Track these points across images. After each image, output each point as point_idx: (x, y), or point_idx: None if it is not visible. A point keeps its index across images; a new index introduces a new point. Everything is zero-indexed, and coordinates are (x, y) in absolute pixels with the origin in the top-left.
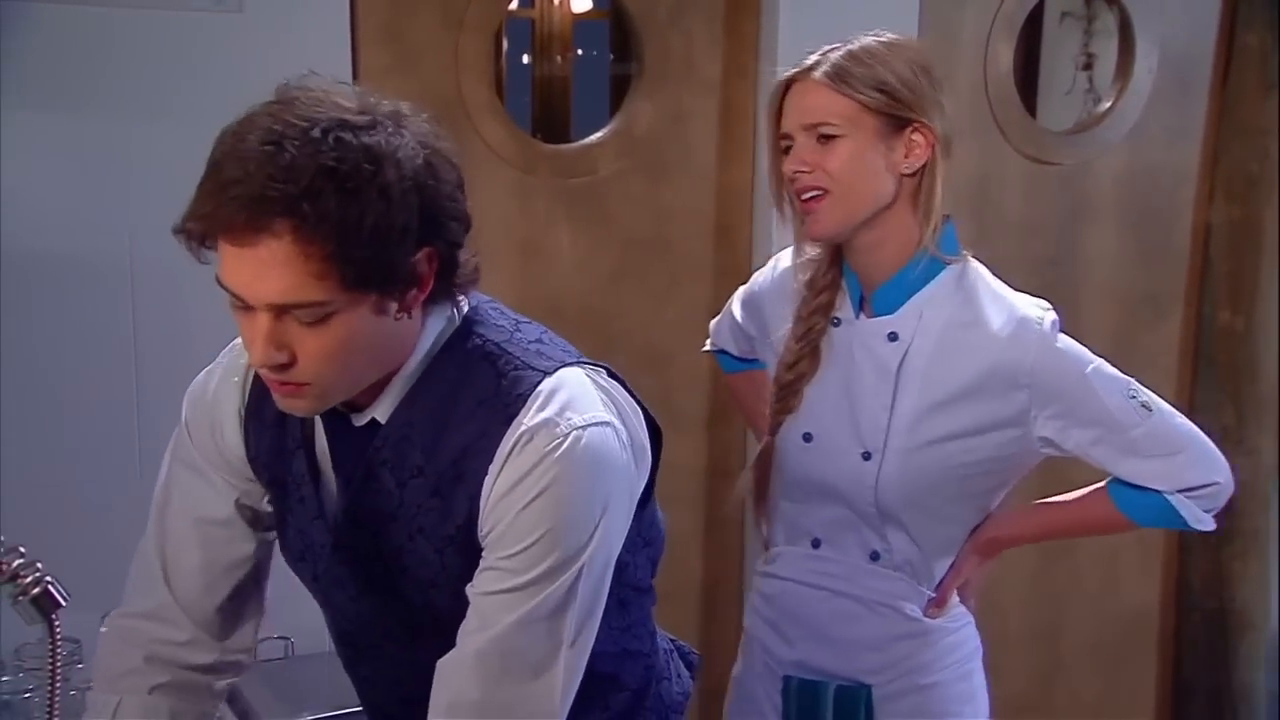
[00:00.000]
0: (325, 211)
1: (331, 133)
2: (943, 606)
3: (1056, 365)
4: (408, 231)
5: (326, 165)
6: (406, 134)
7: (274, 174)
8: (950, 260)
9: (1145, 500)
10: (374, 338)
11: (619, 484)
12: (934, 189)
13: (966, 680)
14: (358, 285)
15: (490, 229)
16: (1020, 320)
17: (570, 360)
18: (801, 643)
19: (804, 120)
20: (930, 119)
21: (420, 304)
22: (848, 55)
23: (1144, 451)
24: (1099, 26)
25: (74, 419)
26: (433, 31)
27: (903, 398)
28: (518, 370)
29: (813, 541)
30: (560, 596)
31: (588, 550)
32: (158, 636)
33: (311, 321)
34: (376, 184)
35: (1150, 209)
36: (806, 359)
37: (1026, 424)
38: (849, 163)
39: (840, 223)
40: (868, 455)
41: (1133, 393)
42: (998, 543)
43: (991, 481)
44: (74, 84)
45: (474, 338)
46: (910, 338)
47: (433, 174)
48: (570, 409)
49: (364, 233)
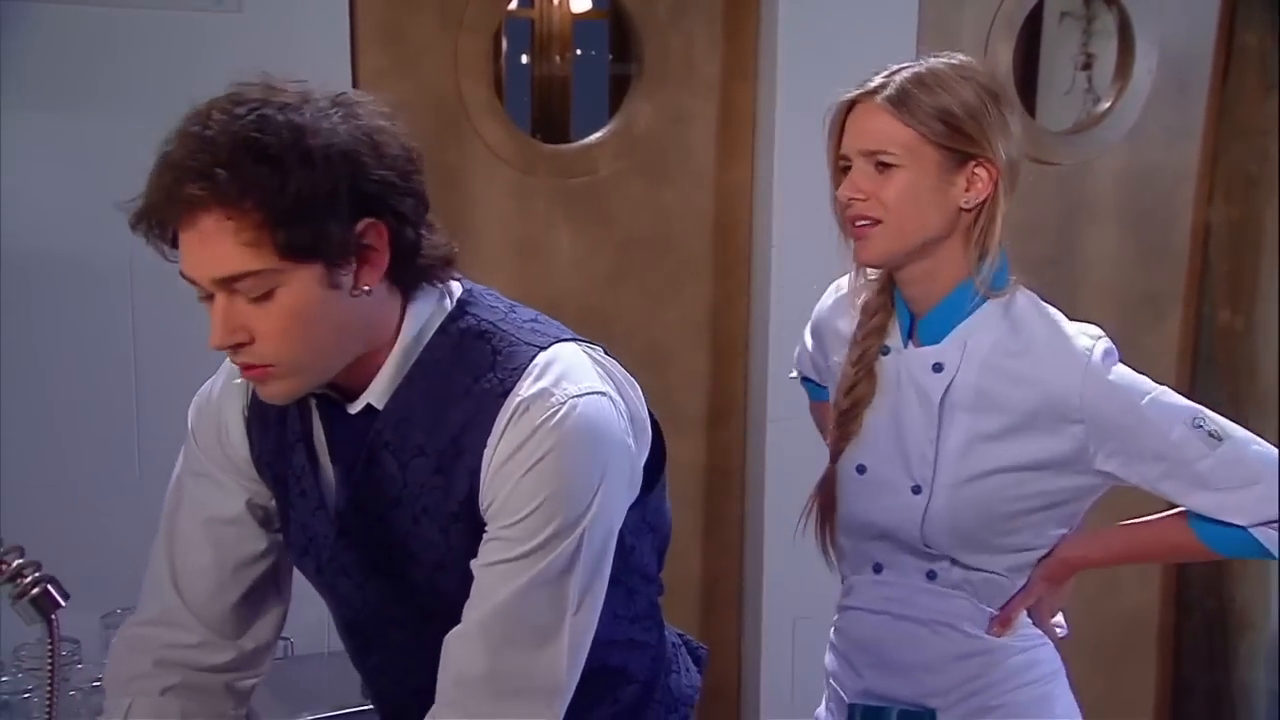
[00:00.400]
0: (246, 179)
1: (255, 110)
2: (1008, 626)
3: (1109, 397)
4: (336, 198)
5: (246, 136)
6: (339, 114)
7: (195, 149)
8: (996, 295)
9: (1225, 532)
10: (332, 313)
11: (616, 452)
12: (993, 225)
13: (1043, 702)
14: (293, 253)
15: (489, 229)
16: (1069, 351)
17: (565, 337)
18: (868, 670)
19: (863, 145)
20: (995, 153)
21: (382, 281)
22: (914, 79)
23: (1215, 484)
24: (1098, 26)
25: (74, 419)
26: (432, 31)
27: (948, 430)
28: (513, 346)
29: (874, 566)
30: (562, 563)
31: (587, 516)
32: (166, 640)
33: (259, 296)
34: (297, 151)
35: (1149, 209)
36: (863, 383)
37: (1086, 460)
38: (905, 195)
39: (889, 252)
40: (917, 489)
41: (1199, 421)
42: (1068, 565)
43: (1054, 515)
44: (72, 83)
45: (468, 318)
46: (955, 368)
47: (371, 148)
48: (565, 379)
49: (288, 198)
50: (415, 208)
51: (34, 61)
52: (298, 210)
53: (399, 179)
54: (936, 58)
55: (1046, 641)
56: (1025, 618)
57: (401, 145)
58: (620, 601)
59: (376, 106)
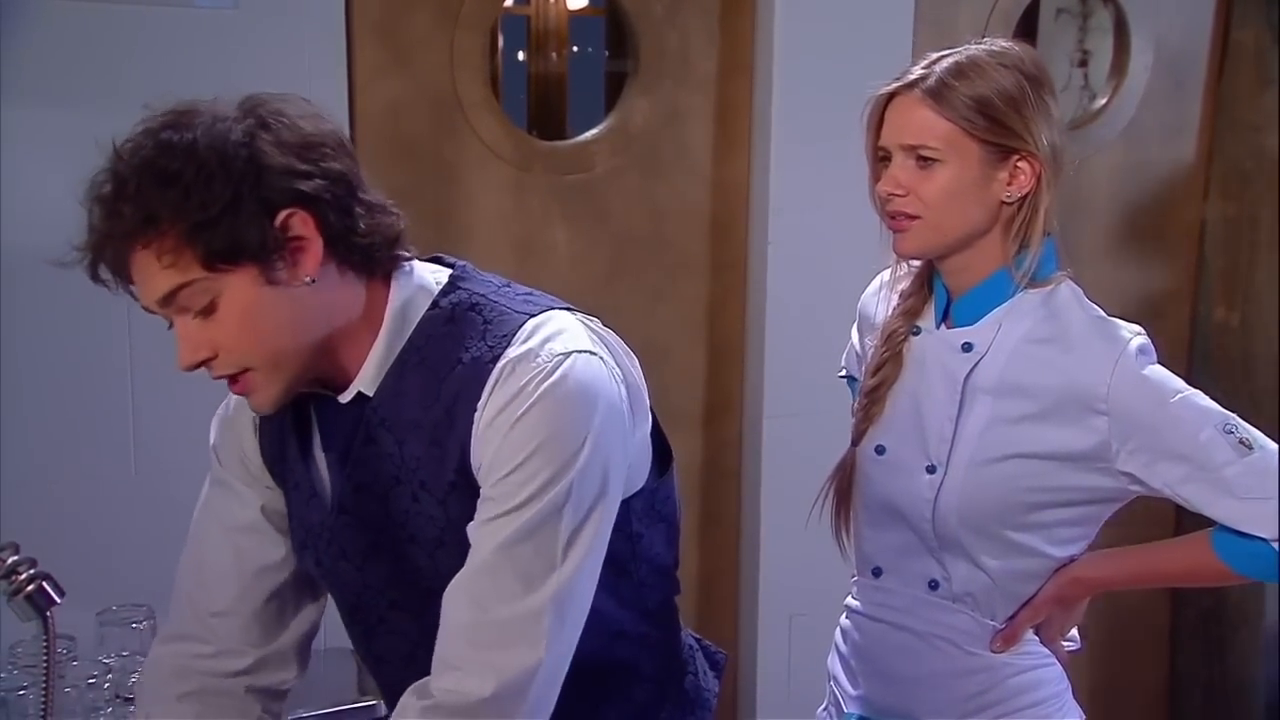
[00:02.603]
0: (150, 206)
1: (155, 135)
2: (1011, 642)
3: (1137, 391)
4: (239, 200)
5: (145, 164)
6: (236, 116)
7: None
8: (1037, 286)
9: (1249, 549)
10: (283, 308)
11: (606, 410)
12: (1035, 219)
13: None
14: (215, 261)
15: (486, 226)
16: (1103, 341)
17: (559, 306)
18: (865, 679)
19: (903, 139)
20: (1037, 144)
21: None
22: (953, 70)
23: (1240, 492)
24: (1094, 23)
25: (69, 417)
26: (428, 28)
27: (969, 411)
28: (502, 315)
29: (874, 570)
30: (546, 513)
31: (574, 468)
32: (183, 652)
33: (204, 309)
34: (193, 164)
35: (1145, 205)
36: (890, 363)
37: (1109, 459)
38: (945, 191)
39: (927, 245)
40: (932, 469)
41: (1230, 427)
42: (1081, 584)
43: (1071, 514)
44: (67, 79)
45: (459, 292)
46: (984, 350)
47: (272, 142)
48: (554, 340)
49: (193, 212)
50: (334, 190)
51: (29, 56)
52: (206, 221)
53: (305, 164)
54: (977, 44)
55: (1052, 660)
56: (1031, 635)
57: (303, 132)
58: (629, 591)
59: (284, 102)
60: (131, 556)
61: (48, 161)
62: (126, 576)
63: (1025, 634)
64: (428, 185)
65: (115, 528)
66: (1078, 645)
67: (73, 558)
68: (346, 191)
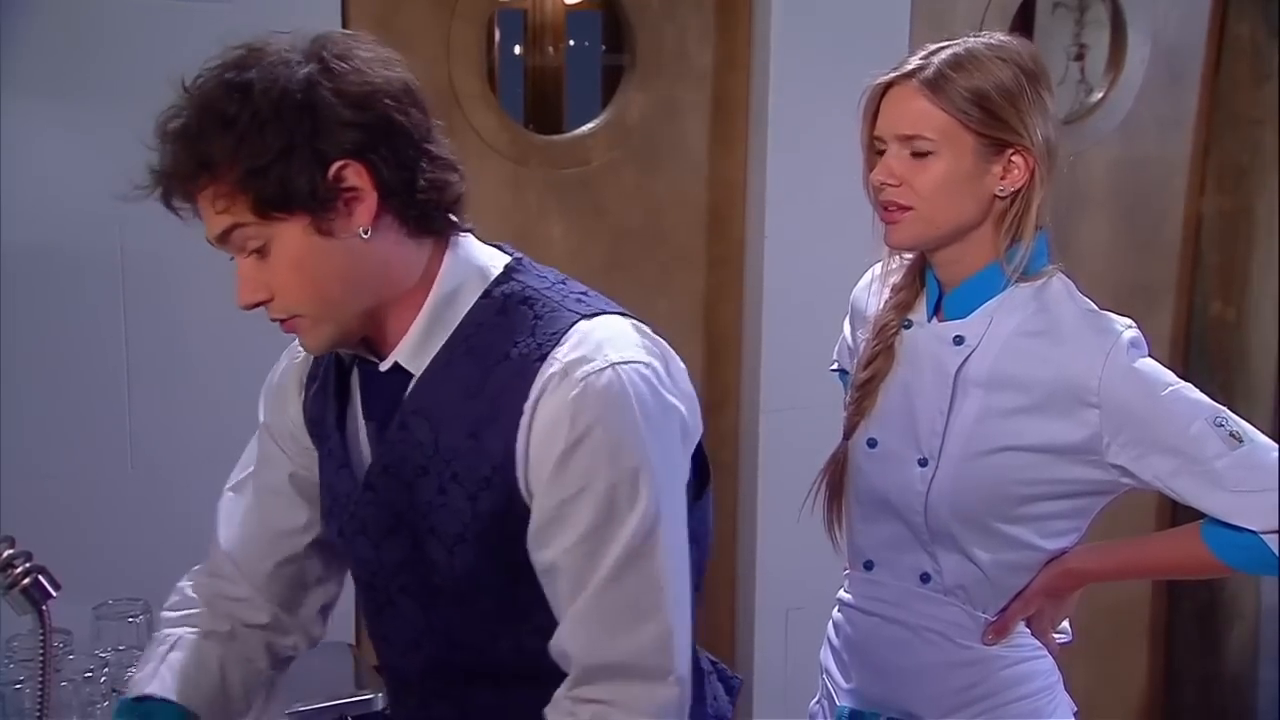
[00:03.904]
0: (207, 150)
1: (217, 77)
2: (1002, 634)
3: (1128, 384)
4: (292, 150)
5: (204, 107)
6: (298, 59)
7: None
8: (1029, 280)
9: (1239, 541)
10: (337, 260)
11: (663, 424)
12: (1028, 213)
13: (1035, 716)
14: (266, 208)
15: (482, 220)
16: (1095, 334)
17: (613, 310)
18: (857, 671)
19: (899, 130)
20: (1032, 139)
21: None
22: (951, 61)
23: (1231, 485)
24: (1091, 17)
25: (65, 410)
26: (424, 21)
27: (961, 404)
28: (554, 311)
29: (865, 564)
30: (640, 538)
31: (645, 486)
32: (219, 590)
33: (258, 250)
34: (248, 110)
35: (1142, 199)
36: (882, 356)
37: (1099, 452)
38: (939, 183)
39: (919, 237)
40: (923, 461)
41: (1220, 420)
42: (1072, 575)
43: (1062, 507)
44: (62, 71)
45: (513, 283)
46: (976, 343)
47: (332, 90)
48: (607, 346)
49: (246, 159)
50: (395, 142)
51: (28, 51)
52: (258, 169)
53: (366, 116)
54: (975, 37)
55: (1044, 653)
56: (1023, 627)
57: (366, 80)
58: None
59: (354, 43)
60: (128, 551)
61: (46, 157)
62: (123, 570)
63: (1016, 626)
64: None
65: (112, 522)
66: (1069, 638)
67: (69, 552)
68: (408, 144)
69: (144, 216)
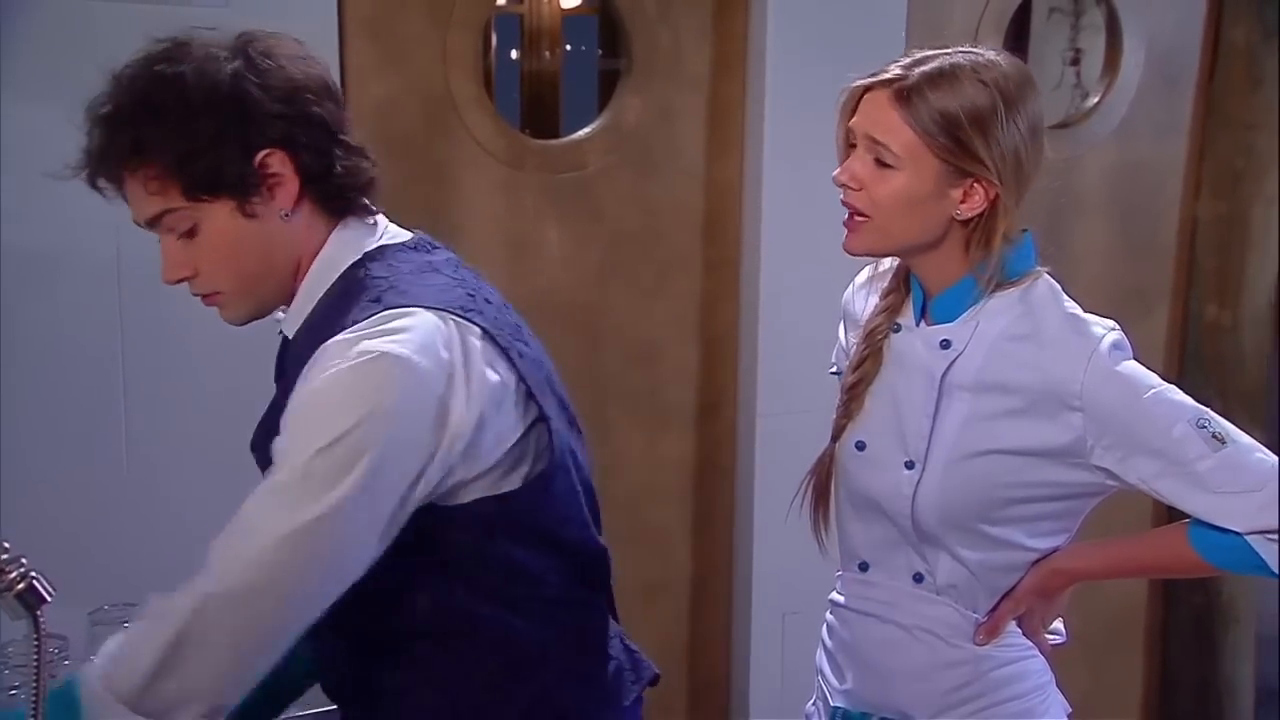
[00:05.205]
0: (139, 136)
1: (149, 68)
2: (993, 634)
3: (1111, 386)
4: (223, 139)
5: (136, 96)
6: (226, 55)
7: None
8: (1012, 284)
9: (1224, 541)
10: (259, 240)
11: (391, 417)
12: (993, 235)
13: (1028, 716)
14: (196, 193)
15: (478, 224)
16: (1077, 338)
17: (440, 306)
18: (851, 672)
19: (869, 131)
20: (998, 170)
21: (304, 202)
22: (931, 76)
23: (1214, 486)
24: (1086, 22)
25: (61, 414)
26: (420, 26)
27: (947, 407)
28: (377, 301)
29: (860, 565)
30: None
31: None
32: None
33: (185, 232)
34: (181, 101)
35: (1137, 204)
36: (869, 360)
37: (1084, 454)
38: (897, 199)
39: (873, 245)
40: (910, 465)
41: (1203, 422)
42: (1061, 574)
43: (1051, 509)
44: (60, 76)
45: (369, 265)
46: (962, 346)
47: (258, 85)
48: (383, 336)
49: (178, 147)
50: (314, 132)
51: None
52: (189, 156)
53: (289, 108)
54: (964, 51)
55: (1035, 653)
56: (1014, 627)
57: (288, 76)
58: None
59: (275, 42)
60: (123, 555)
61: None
62: (118, 576)
63: (1007, 626)
64: (420, 184)
65: (107, 526)
66: (1062, 638)
67: (64, 557)
68: (326, 135)
69: None
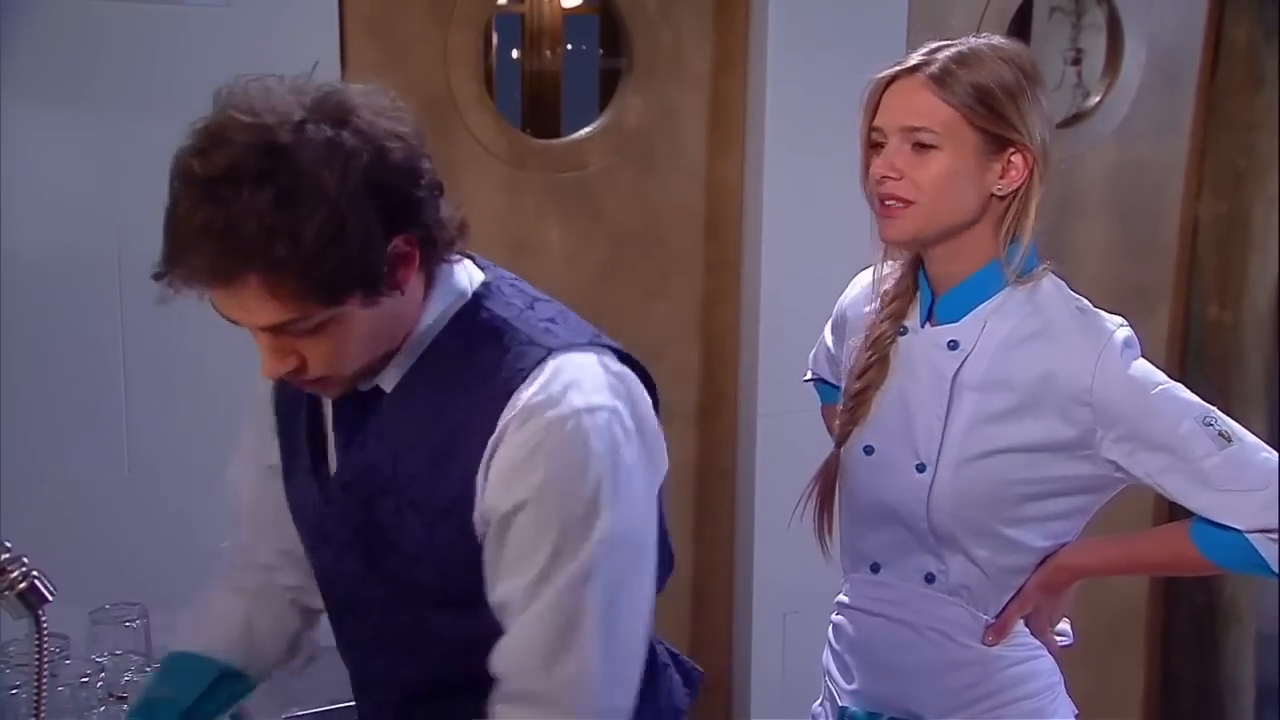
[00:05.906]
0: (280, 256)
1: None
2: (1002, 634)
3: (1120, 382)
4: (371, 236)
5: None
6: (346, 134)
7: (221, 235)
8: (1022, 282)
9: (1225, 539)
10: (376, 323)
11: (623, 467)
12: (1025, 213)
13: (1038, 716)
14: (337, 296)
15: (479, 224)
16: (1088, 333)
17: (581, 342)
18: (861, 672)
19: (903, 121)
20: (1032, 139)
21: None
22: (956, 58)
23: (1218, 484)
24: (1088, 21)
25: (62, 414)
26: (421, 26)
27: (958, 407)
28: (523, 345)
29: (872, 566)
30: (576, 580)
31: (594, 535)
32: (249, 555)
33: (309, 330)
34: (322, 207)
35: (1138, 203)
36: (875, 367)
37: (1093, 447)
38: (941, 178)
39: (916, 233)
40: (922, 467)
41: (1210, 420)
42: (1065, 572)
43: (1062, 506)
44: (61, 77)
45: (483, 311)
46: (970, 346)
47: (385, 166)
48: (573, 390)
49: (324, 258)
50: (433, 205)
51: (26, 55)
52: (334, 263)
53: (416, 185)
54: (976, 38)
55: (1044, 653)
56: (1023, 627)
57: (408, 146)
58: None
59: (371, 101)
60: (124, 555)
61: (45, 161)
62: (119, 575)
63: (1015, 625)
64: None
65: (108, 526)
66: (1069, 639)
67: (66, 556)
68: (439, 197)
69: (142, 221)
